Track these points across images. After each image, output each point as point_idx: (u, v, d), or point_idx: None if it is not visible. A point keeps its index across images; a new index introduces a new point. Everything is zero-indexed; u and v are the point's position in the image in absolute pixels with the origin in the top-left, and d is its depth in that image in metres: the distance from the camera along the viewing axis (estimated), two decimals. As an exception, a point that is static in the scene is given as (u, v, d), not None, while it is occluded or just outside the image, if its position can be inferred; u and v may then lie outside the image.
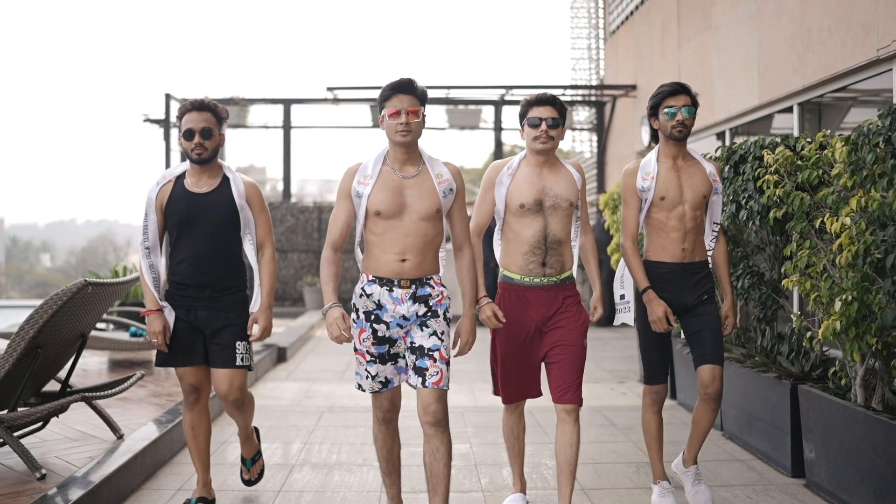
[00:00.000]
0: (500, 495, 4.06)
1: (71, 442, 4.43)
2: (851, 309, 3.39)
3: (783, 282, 4.05)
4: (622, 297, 3.88)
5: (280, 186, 17.48)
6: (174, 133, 12.89)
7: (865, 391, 3.76)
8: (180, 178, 3.72)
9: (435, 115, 14.09)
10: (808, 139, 4.37)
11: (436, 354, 3.23)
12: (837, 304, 3.43)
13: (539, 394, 3.65)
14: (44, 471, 3.78)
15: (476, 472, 4.51)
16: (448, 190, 3.29)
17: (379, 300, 3.24)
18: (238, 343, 3.68)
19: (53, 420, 4.60)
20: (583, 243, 3.66)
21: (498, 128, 14.07)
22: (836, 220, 3.41)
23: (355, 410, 6.07)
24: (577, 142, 14.65)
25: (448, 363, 3.28)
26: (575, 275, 3.67)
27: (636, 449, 4.94)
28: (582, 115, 14.33)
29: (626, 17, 12.41)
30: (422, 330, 3.25)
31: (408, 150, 3.25)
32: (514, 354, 3.55)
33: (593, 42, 14.65)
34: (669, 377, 4.12)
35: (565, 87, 13.45)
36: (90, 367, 7.05)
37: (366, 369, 3.30)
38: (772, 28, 7.29)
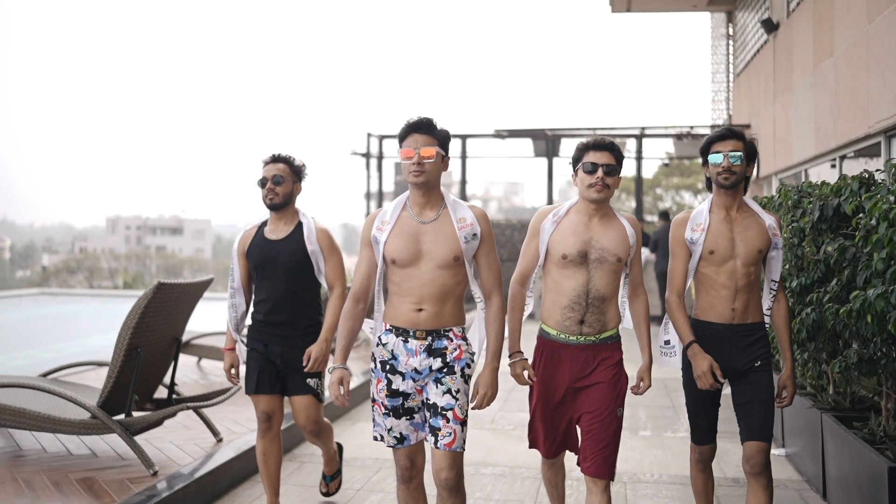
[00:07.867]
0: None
1: (179, 441, 5.02)
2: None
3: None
4: (667, 342, 3.61)
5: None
6: (373, 163, 16.39)
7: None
8: (263, 225, 3.95)
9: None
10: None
11: (449, 414, 3.02)
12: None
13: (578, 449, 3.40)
14: (156, 468, 4.35)
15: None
16: (471, 235, 3.05)
17: (393, 350, 3.07)
18: (309, 379, 3.88)
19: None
20: (635, 307, 3.40)
21: (639, 157, 16.26)
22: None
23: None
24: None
25: (463, 423, 3.06)
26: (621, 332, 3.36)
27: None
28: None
29: (746, 65, 14.37)
30: (437, 386, 3.04)
31: (425, 192, 3.05)
32: (549, 412, 3.34)
33: (724, 81, 16.61)
34: None
35: (692, 127, 15.51)
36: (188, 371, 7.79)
37: (382, 422, 3.14)
38: (822, 98, 9.37)
